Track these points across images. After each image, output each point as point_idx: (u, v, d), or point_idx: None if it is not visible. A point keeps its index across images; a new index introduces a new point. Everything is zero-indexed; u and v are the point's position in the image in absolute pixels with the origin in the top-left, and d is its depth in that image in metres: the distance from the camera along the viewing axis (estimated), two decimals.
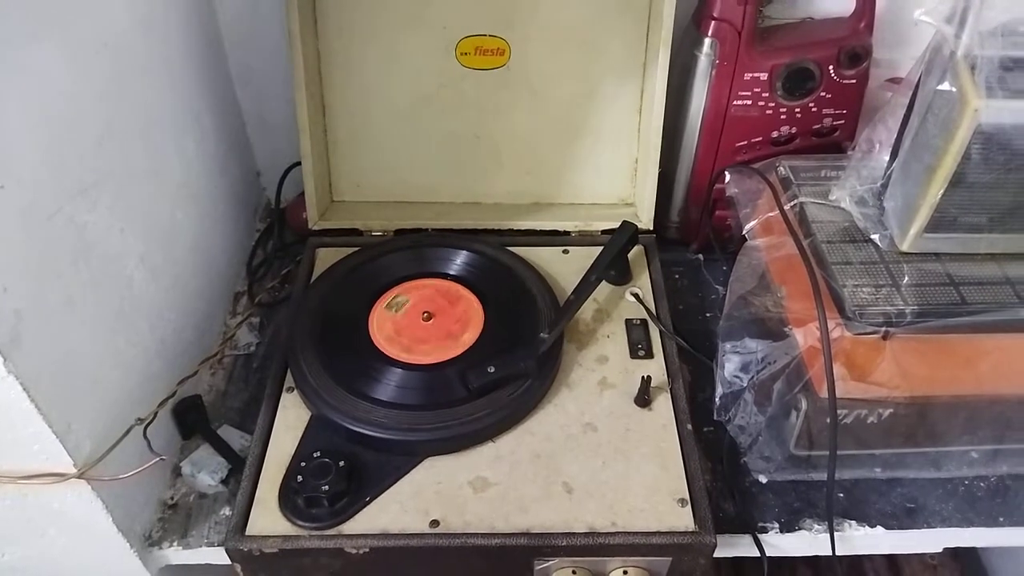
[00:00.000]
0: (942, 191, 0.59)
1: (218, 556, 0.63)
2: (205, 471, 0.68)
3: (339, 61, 0.81)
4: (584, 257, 0.78)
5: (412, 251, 0.79)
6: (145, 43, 0.67)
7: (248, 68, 0.89)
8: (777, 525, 0.66)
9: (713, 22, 0.75)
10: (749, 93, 0.78)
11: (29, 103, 0.51)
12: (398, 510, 0.60)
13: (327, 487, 0.59)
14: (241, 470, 0.64)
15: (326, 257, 0.81)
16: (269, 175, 0.96)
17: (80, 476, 0.55)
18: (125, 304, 0.62)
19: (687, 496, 0.62)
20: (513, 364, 0.66)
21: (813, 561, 0.71)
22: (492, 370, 0.66)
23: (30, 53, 0.51)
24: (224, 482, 0.68)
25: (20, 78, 0.50)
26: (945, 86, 0.56)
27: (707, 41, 0.76)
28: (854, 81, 0.79)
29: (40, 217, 0.52)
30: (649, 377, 0.67)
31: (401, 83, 0.82)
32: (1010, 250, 0.64)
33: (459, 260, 0.78)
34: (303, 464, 0.61)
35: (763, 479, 0.68)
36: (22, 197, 0.49)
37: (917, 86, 0.61)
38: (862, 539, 0.66)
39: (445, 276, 0.77)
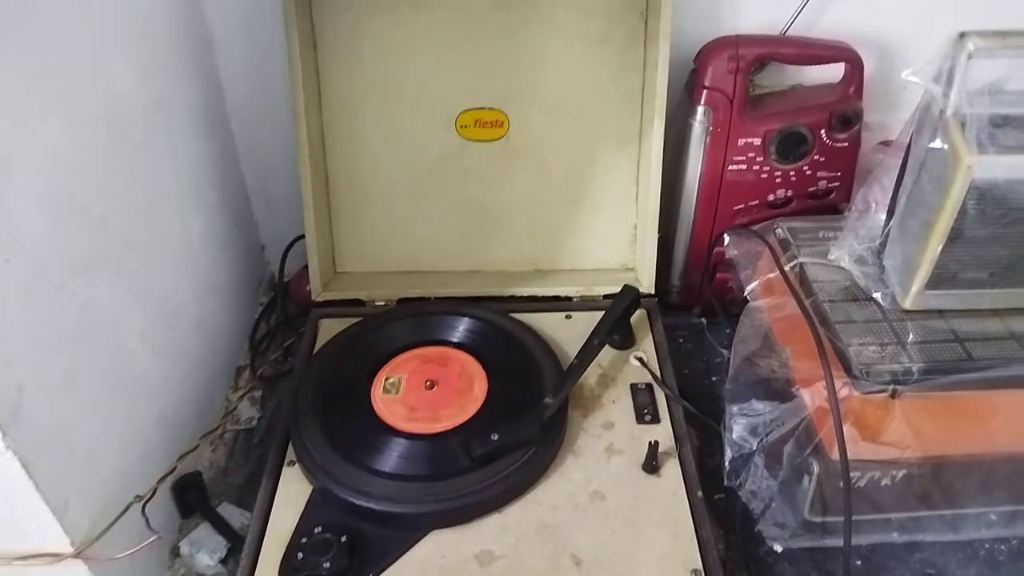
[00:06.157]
0: (941, 247, 0.60)
1: None
2: (204, 551, 0.66)
3: (342, 136, 0.83)
4: (587, 322, 0.78)
5: (414, 319, 0.79)
6: (153, 122, 0.69)
7: (254, 145, 0.91)
8: None
9: (705, 91, 0.77)
10: (744, 158, 0.80)
11: (37, 178, 0.52)
12: None
13: (328, 564, 0.58)
14: (241, 549, 0.62)
15: (329, 328, 0.81)
16: (273, 249, 0.98)
17: (76, 555, 0.53)
18: (125, 379, 0.62)
19: (700, 566, 0.59)
20: (517, 430, 0.65)
21: None
22: (496, 437, 0.65)
23: (39, 128, 0.53)
24: (223, 562, 0.66)
25: (29, 153, 0.51)
26: (937, 144, 0.57)
27: (700, 109, 0.78)
28: (847, 144, 0.81)
29: (44, 292, 0.52)
30: (657, 442, 0.66)
31: (403, 156, 0.83)
32: (1013, 305, 0.64)
33: (461, 327, 0.78)
34: (304, 540, 0.60)
35: (778, 547, 0.66)
36: (27, 272, 0.50)
37: (909, 146, 0.62)
38: None
39: (447, 343, 0.77)
